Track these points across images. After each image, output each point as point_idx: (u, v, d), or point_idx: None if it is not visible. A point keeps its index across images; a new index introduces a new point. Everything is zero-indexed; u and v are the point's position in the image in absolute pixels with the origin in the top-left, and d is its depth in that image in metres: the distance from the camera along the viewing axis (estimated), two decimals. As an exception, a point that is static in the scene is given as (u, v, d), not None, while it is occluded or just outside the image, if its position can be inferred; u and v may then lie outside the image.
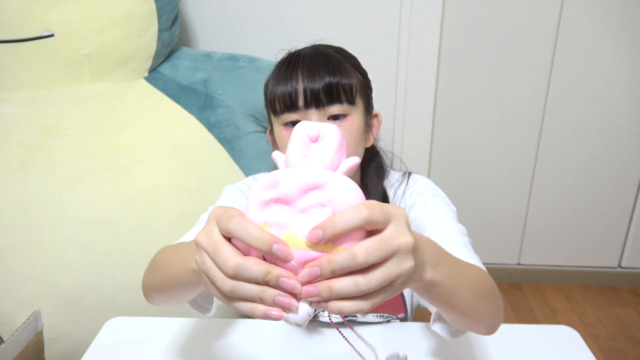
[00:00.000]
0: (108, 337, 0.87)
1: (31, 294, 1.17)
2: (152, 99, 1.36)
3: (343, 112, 0.77)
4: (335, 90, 0.76)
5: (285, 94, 0.76)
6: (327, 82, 0.75)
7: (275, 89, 0.78)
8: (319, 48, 0.82)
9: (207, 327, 0.88)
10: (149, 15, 1.33)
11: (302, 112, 0.76)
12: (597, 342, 1.81)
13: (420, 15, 1.74)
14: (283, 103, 0.76)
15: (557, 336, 0.85)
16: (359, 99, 0.80)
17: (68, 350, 1.19)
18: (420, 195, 0.85)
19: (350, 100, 0.77)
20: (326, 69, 0.76)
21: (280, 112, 0.77)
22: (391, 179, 0.91)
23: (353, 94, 0.77)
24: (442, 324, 0.67)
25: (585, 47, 1.81)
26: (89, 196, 1.19)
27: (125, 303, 1.19)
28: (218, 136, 1.35)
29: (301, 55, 0.79)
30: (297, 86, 0.75)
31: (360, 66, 0.84)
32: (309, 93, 0.75)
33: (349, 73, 0.78)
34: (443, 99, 1.90)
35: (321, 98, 0.75)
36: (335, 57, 0.79)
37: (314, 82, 0.75)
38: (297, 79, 0.76)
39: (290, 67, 0.78)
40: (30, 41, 1.26)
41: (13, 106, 1.30)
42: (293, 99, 0.76)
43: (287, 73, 0.77)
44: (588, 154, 1.95)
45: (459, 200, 2.01)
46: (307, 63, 0.77)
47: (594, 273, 2.13)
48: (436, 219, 0.80)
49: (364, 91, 0.82)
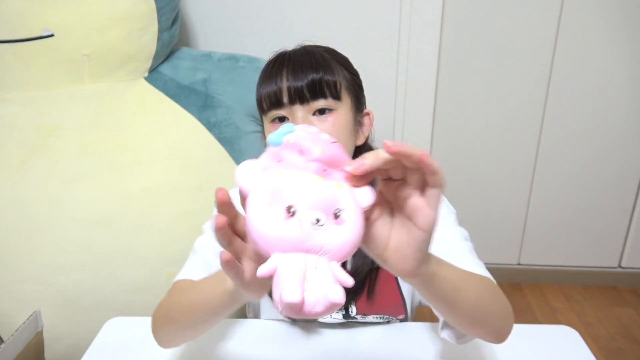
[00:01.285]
0: (108, 337, 0.87)
1: (31, 294, 1.17)
2: (152, 99, 1.36)
3: (328, 107, 0.77)
4: (319, 86, 0.76)
5: (270, 92, 0.77)
6: (311, 79, 0.76)
7: (261, 89, 0.79)
8: (306, 47, 0.83)
9: (207, 327, 0.88)
10: (149, 15, 1.33)
11: (288, 108, 0.77)
12: (597, 342, 1.81)
13: (420, 15, 1.74)
14: (269, 101, 0.78)
15: (557, 336, 0.85)
16: (346, 95, 0.80)
17: (68, 350, 1.19)
18: None
19: (335, 96, 0.77)
20: (310, 66, 0.77)
21: (267, 110, 0.79)
22: None
23: (338, 89, 0.78)
24: (450, 331, 0.67)
25: (585, 47, 1.81)
26: (89, 196, 1.19)
27: (125, 303, 1.19)
28: (218, 136, 1.35)
29: (287, 55, 0.81)
30: (282, 84, 0.77)
31: (350, 65, 0.84)
32: (293, 89, 0.76)
33: (333, 69, 0.78)
34: (443, 99, 1.90)
35: (305, 93, 0.76)
36: (320, 54, 0.80)
37: (298, 79, 0.76)
38: (282, 77, 0.77)
39: (277, 67, 0.79)
40: (30, 41, 1.26)
41: (13, 106, 1.30)
42: (278, 96, 0.77)
43: (273, 72, 0.78)
44: (588, 154, 1.95)
45: (459, 200, 2.02)
46: (292, 62, 0.78)
47: (594, 273, 2.13)
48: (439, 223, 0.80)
49: (352, 88, 0.82)
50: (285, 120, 0.78)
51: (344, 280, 0.38)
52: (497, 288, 0.64)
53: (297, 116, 0.76)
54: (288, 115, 0.77)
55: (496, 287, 0.65)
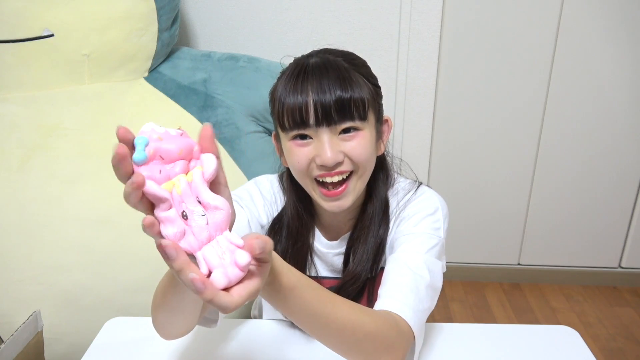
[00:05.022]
0: (108, 337, 0.87)
1: (31, 294, 1.17)
2: (152, 99, 1.36)
3: (354, 127, 0.74)
4: (348, 107, 0.72)
5: (294, 109, 0.73)
6: (338, 98, 0.72)
7: (283, 102, 0.74)
8: (328, 57, 0.77)
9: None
10: (149, 15, 1.33)
11: (313, 129, 0.73)
12: (597, 342, 1.81)
13: (420, 15, 1.74)
14: (292, 120, 0.73)
15: (557, 336, 0.85)
16: (371, 112, 0.77)
17: (68, 350, 1.19)
18: (417, 212, 0.82)
19: (362, 116, 0.74)
20: (337, 83, 0.72)
21: (289, 129, 0.74)
22: (397, 187, 0.87)
23: (365, 108, 0.74)
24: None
25: (585, 47, 1.81)
26: (89, 196, 1.19)
27: (125, 303, 1.19)
28: (218, 136, 1.35)
29: (309, 67, 0.75)
30: (308, 100, 0.72)
31: (371, 74, 0.81)
32: (320, 109, 0.72)
33: (360, 86, 0.74)
34: (443, 99, 1.90)
35: (332, 115, 0.72)
36: (345, 68, 0.75)
37: (325, 99, 0.72)
38: (307, 93, 0.72)
39: (300, 80, 0.74)
40: (30, 41, 1.26)
41: (13, 106, 1.30)
42: (303, 116, 0.72)
43: (297, 86, 0.73)
44: (588, 154, 1.95)
45: (459, 200, 2.03)
46: (317, 76, 0.73)
47: (594, 273, 2.13)
48: (412, 242, 0.78)
49: (376, 103, 0.79)
50: (307, 138, 0.74)
51: (237, 242, 0.46)
52: (381, 325, 0.64)
53: (324, 140, 0.72)
54: (312, 135, 0.74)
55: (373, 333, 0.63)
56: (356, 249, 0.83)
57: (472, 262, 2.14)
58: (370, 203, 0.84)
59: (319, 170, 0.74)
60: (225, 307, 0.44)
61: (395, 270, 0.74)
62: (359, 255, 0.82)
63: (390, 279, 0.73)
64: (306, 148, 0.74)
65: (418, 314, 0.69)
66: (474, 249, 2.11)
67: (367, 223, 0.83)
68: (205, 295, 0.43)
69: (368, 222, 0.83)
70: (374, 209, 0.83)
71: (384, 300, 0.70)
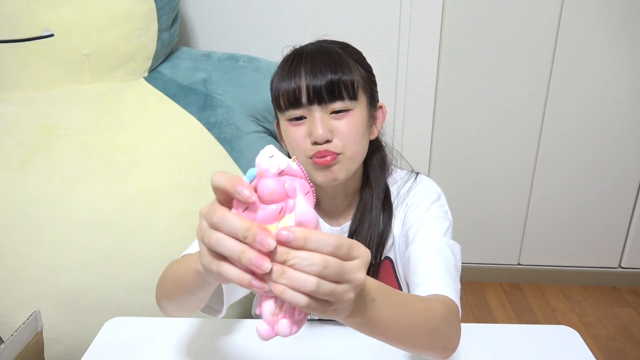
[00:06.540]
0: (108, 337, 0.87)
1: (31, 294, 1.17)
2: (152, 99, 1.36)
3: (345, 108, 0.79)
4: (337, 87, 0.78)
5: (289, 90, 0.79)
6: (329, 79, 0.77)
7: (279, 86, 0.80)
8: (322, 44, 0.84)
9: (207, 327, 0.88)
10: (149, 15, 1.33)
11: (306, 108, 0.79)
12: (597, 342, 1.81)
13: (420, 15, 1.74)
14: (287, 100, 0.79)
15: (557, 336, 0.85)
16: (362, 94, 0.82)
17: (68, 350, 1.19)
18: (423, 198, 0.86)
19: (352, 96, 0.80)
20: (328, 66, 0.78)
21: (285, 109, 0.80)
22: (395, 176, 0.92)
23: (355, 89, 0.80)
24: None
25: (585, 47, 1.81)
26: (89, 196, 1.19)
27: (125, 303, 1.19)
28: (218, 136, 1.35)
29: (304, 52, 0.82)
30: (300, 83, 0.78)
31: (365, 61, 0.86)
32: (312, 90, 0.78)
33: (350, 69, 0.80)
34: (443, 99, 1.90)
35: (323, 95, 0.78)
36: (337, 53, 0.81)
37: (316, 79, 0.77)
38: (300, 75, 0.78)
39: (294, 64, 0.80)
40: (30, 41, 1.26)
41: (13, 106, 1.30)
42: (297, 96, 0.78)
43: (291, 70, 0.80)
44: (588, 154, 1.95)
45: (459, 200, 2.03)
46: (310, 59, 0.80)
47: (594, 273, 2.13)
48: (428, 227, 0.82)
49: (368, 86, 0.84)
50: (302, 119, 0.79)
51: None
52: (438, 318, 0.64)
53: (315, 117, 0.78)
54: (306, 114, 0.79)
55: (439, 316, 0.64)
56: (359, 234, 0.86)
57: (472, 262, 2.14)
58: (368, 187, 0.88)
59: (311, 151, 0.79)
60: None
61: (426, 257, 0.76)
62: (362, 240, 0.85)
63: (423, 265, 0.75)
64: (301, 127, 0.80)
65: (458, 293, 0.72)
66: (474, 249, 2.11)
67: (368, 208, 0.86)
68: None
69: (369, 206, 0.86)
70: (372, 194, 0.87)
71: (428, 286, 0.71)
